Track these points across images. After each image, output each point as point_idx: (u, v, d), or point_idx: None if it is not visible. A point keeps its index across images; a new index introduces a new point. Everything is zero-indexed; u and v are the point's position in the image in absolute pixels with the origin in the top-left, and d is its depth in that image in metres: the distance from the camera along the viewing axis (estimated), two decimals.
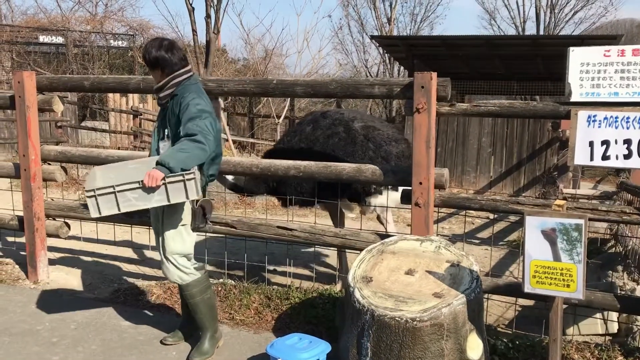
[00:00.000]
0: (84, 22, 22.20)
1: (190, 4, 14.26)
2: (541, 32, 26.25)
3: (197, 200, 3.38)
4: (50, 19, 21.87)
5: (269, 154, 5.09)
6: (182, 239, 3.43)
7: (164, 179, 3.12)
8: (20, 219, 4.96)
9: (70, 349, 3.65)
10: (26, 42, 19.61)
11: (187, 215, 3.42)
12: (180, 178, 3.14)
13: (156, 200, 3.18)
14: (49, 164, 4.91)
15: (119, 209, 3.18)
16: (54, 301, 4.42)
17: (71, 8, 23.85)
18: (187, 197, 3.19)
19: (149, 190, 3.14)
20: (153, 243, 5.12)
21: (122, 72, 20.77)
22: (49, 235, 4.94)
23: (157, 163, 3.14)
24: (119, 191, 3.16)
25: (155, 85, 3.43)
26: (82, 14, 23.33)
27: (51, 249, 5.42)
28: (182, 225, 3.42)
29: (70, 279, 4.98)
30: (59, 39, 20.31)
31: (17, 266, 5.18)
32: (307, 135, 4.89)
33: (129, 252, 6.10)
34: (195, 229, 3.45)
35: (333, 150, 4.72)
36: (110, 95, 17.40)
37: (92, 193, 3.17)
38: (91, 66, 20.09)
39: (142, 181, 3.13)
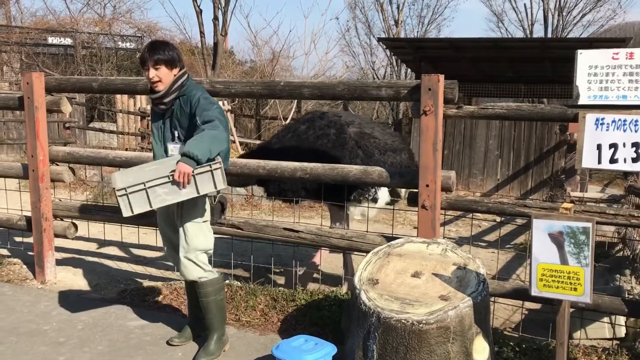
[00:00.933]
0: (93, 23, 22.35)
1: (198, 6, 14.32)
2: (549, 35, 26.17)
3: (215, 197, 3.43)
4: (59, 21, 22.02)
5: (259, 149, 5.15)
6: (204, 235, 3.47)
7: (192, 171, 3.13)
8: (28, 220, 4.99)
9: (76, 349, 3.66)
10: (35, 44, 19.74)
11: (207, 211, 3.46)
12: (208, 168, 3.17)
13: (185, 193, 3.18)
14: (57, 165, 4.93)
15: (150, 206, 3.19)
16: (61, 301, 4.44)
17: (80, 10, 24.02)
18: (215, 187, 3.21)
19: (179, 184, 3.15)
20: (160, 244, 5.15)
21: (130, 73, 20.86)
22: (57, 235, 4.97)
23: (183, 155, 3.12)
24: (149, 187, 3.16)
25: (159, 89, 3.38)
26: (90, 15, 23.51)
27: (59, 249, 5.45)
28: (204, 221, 3.46)
29: (78, 279, 5.00)
30: (68, 41, 20.44)
31: (24, 266, 5.21)
32: (300, 134, 4.89)
33: (136, 253, 6.12)
34: (214, 223, 3.48)
35: (320, 151, 4.66)
36: (118, 96, 17.47)
37: (123, 192, 3.16)
38: (99, 67, 20.19)
39: (171, 175, 3.14)
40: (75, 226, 5.01)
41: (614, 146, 3.23)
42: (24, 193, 5.35)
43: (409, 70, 19.57)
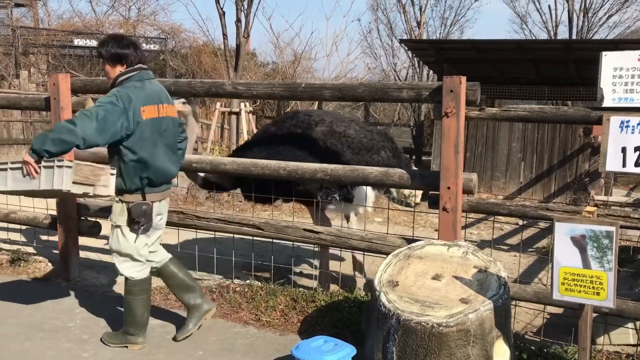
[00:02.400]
0: (117, 25, 22.63)
1: (221, 8, 14.40)
2: (574, 37, 25.83)
3: (129, 203, 3.50)
4: (84, 23, 22.36)
5: (237, 149, 5.22)
6: (117, 239, 3.60)
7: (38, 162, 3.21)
8: (54, 218, 5.08)
9: (100, 346, 3.72)
10: (61, 45, 20.07)
11: (119, 217, 3.56)
12: (52, 164, 3.22)
13: (32, 184, 3.28)
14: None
15: (5, 185, 3.33)
16: (85, 299, 4.51)
17: (105, 12, 24.36)
18: (53, 186, 3.24)
19: (28, 173, 3.24)
20: (182, 244, 5.20)
21: (153, 75, 21.06)
22: (81, 234, 5.05)
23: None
24: (10, 169, 3.31)
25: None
26: (115, 17, 23.82)
27: (83, 247, 5.53)
28: (116, 226, 3.59)
29: (101, 277, 5.07)
30: (93, 42, 20.73)
31: (50, 264, 5.30)
32: (270, 135, 4.89)
33: None
34: (131, 230, 3.56)
35: (283, 154, 4.60)
36: None
37: None
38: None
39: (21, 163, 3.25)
40: (100, 225, 5.08)
41: (639, 149, 3.19)
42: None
43: (431, 72, 19.47)
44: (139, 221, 3.50)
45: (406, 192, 5.34)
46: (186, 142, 3.96)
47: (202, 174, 4.88)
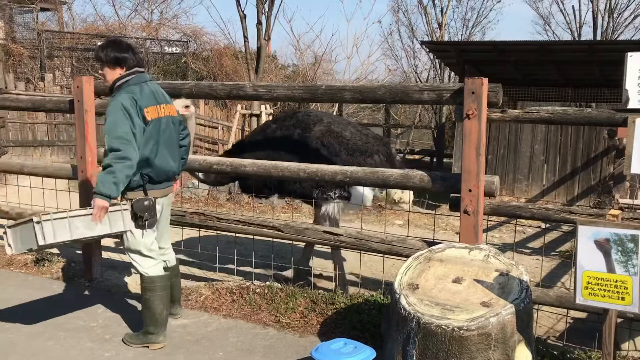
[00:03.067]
0: (140, 28, 22.89)
1: (242, 11, 14.47)
2: (598, 38, 25.47)
3: (132, 199, 3.64)
4: (108, 26, 22.63)
5: (234, 147, 5.39)
6: (126, 237, 3.73)
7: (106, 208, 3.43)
8: None
9: (121, 346, 3.76)
10: (85, 48, 20.35)
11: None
12: (118, 208, 3.52)
13: (99, 230, 3.49)
14: None
15: (70, 236, 3.40)
16: (107, 299, 4.56)
17: (128, 15, 24.64)
18: (124, 227, 3.57)
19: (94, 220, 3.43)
20: (202, 246, 5.23)
21: (175, 77, 21.28)
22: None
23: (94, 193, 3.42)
24: (70, 217, 3.41)
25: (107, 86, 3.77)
26: (138, 21, 24.07)
27: (105, 248, 5.60)
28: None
29: (123, 277, 5.12)
30: None
31: (73, 264, 5.37)
32: (269, 134, 5.03)
33: (179, 253, 6.22)
34: (136, 226, 3.66)
35: (282, 151, 4.77)
36: None
37: (38, 219, 3.32)
38: (146, 72, 20.63)
39: (90, 209, 3.44)
40: None
41: None
42: (73, 193, 5.52)
43: (452, 73, 19.36)
44: (142, 216, 3.61)
45: (396, 197, 5.40)
46: (188, 138, 4.08)
47: (201, 175, 5.10)
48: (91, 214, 3.40)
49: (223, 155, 5.48)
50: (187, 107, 4.73)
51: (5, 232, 3.44)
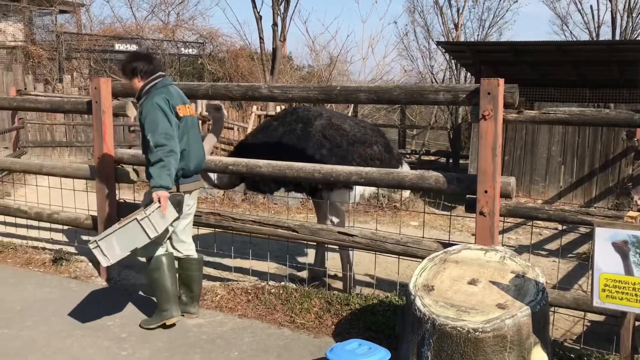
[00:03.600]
0: (157, 30, 23.08)
1: (258, 13, 14.55)
2: (617, 37, 25.18)
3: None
4: (125, 28, 22.85)
5: (239, 145, 5.60)
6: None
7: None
8: (95, 219, 5.20)
9: (137, 345, 3.79)
10: (103, 50, 20.56)
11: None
12: (153, 208, 3.68)
13: (160, 225, 3.72)
14: (122, 167, 5.13)
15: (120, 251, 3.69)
16: (123, 298, 4.60)
17: (145, 17, 24.85)
18: (169, 222, 3.79)
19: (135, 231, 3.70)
20: (218, 246, 5.26)
21: (191, 79, 21.41)
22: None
23: (153, 187, 3.70)
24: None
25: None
26: (155, 22, 24.29)
27: None
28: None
29: (140, 277, 5.16)
30: (134, 47, 21.18)
31: (90, 264, 5.42)
32: (271, 130, 5.20)
33: None
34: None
35: (286, 146, 4.99)
36: None
37: (95, 244, 3.70)
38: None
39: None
40: None
41: None
42: (90, 193, 5.58)
43: (469, 74, 19.24)
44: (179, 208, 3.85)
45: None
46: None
47: (213, 176, 5.30)
48: (159, 206, 3.66)
49: (229, 155, 5.53)
50: (218, 109, 4.89)
51: (96, 246, 3.70)
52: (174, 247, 4.17)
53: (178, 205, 3.85)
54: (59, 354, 3.66)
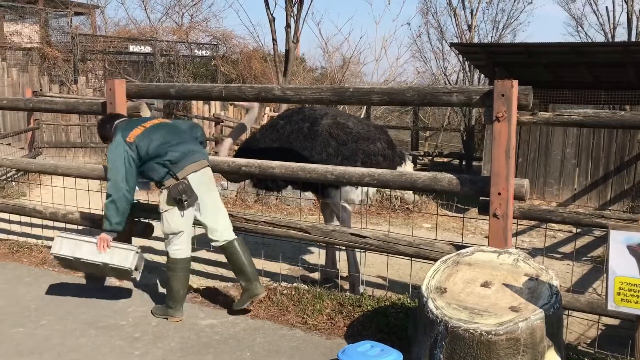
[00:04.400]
0: (171, 32, 23.22)
1: (271, 14, 14.59)
2: (633, 39, 24.93)
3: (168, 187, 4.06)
4: (139, 30, 23.02)
5: (244, 144, 5.66)
6: (166, 221, 4.16)
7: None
8: None
9: (150, 344, 3.82)
10: (117, 52, 20.73)
11: (162, 204, 4.12)
12: (134, 249, 4.23)
13: (101, 258, 4.21)
14: None
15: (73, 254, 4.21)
16: (136, 298, 4.63)
17: (159, 19, 25.02)
18: (124, 265, 4.19)
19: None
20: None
21: (205, 80, 21.52)
22: (135, 235, 5.18)
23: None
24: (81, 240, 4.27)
25: None
26: (169, 24, 24.43)
27: None
28: (165, 211, 4.12)
29: (153, 277, 5.19)
30: (147, 49, 21.35)
31: None
32: (278, 129, 5.29)
33: (207, 254, 6.29)
34: (179, 208, 4.07)
35: (293, 144, 5.10)
36: (194, 102, 18.06)
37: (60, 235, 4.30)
38: (176, 75, 20.95)
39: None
40: (152, 227, 5.20)
41: None
42: (104, 194, 5.61)
43: (482, 75, 19.15)
44: (181, 199, 3.97)
45: (398, 192, 5.80)
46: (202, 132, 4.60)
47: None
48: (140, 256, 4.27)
49: (236, 153, 5.63)
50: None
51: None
52: (210, 238, 4.30)
53: (183, 192, 3.97)
54: (73, 353, 3.69)
